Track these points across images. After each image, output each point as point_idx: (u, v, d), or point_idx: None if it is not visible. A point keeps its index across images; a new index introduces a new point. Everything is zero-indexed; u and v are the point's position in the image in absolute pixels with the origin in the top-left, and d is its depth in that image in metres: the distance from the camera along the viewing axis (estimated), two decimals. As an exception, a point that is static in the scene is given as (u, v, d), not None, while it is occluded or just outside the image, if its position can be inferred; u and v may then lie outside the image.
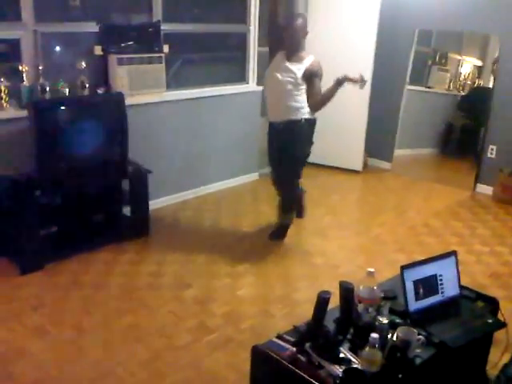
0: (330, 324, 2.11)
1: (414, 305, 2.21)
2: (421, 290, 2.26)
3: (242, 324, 2.93)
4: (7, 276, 3.33)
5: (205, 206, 4.68)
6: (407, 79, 5.72)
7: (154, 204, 4.26)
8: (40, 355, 2.61)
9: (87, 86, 3.82)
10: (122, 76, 3.96)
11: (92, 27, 3.90)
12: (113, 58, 3.94)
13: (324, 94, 3.65)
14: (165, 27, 4.27)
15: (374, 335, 1.82)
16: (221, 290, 3.29)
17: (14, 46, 3.60)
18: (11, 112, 3.50)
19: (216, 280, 3.39)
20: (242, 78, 5.20)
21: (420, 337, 2.01)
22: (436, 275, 2.31)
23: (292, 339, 2.05)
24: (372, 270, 2.11)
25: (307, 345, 1.97)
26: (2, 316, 2.91)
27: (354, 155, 5.74)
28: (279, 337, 2.09)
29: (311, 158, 5.52)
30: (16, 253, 3.43)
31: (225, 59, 5.40)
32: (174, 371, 2.52)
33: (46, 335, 2.76)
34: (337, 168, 5.79)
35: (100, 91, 3.90)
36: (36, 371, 2.49)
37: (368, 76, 5.41)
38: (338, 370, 1.83)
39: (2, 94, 3.48)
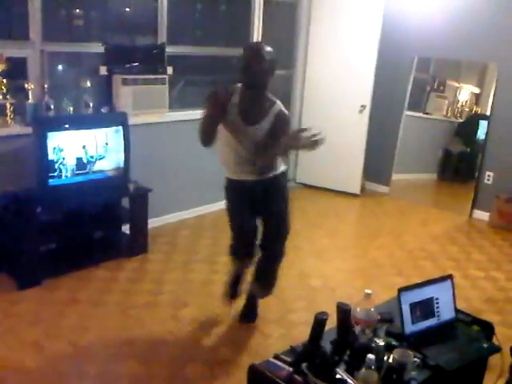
0: (326, 345, 2.12)
1: (410, 327, 2.23)
2: (417, 313, 2.27)
3: (238, 344, 2.94)
4: (5, 291, 3.34)
5: (204, 225, 4.71)
6: (406, 105, 5.80)
7: (153, 222, 4.28)
8: (36, 370, 2.60)
9: (91, 104, 3.88)
10: (125, 96, 4.02)
11: (97, 48, 3.98)
12: (117, 78, 4.01)
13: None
14: (169, 49, 4.35)
15: (371, 356, 1.83)
16: (217, 309, 3.29)
17: (21, 64, 3.67)
18: (16, 128, 3.55)
19: (213, 300, 3.39)
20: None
21: (416, 359, 2.03)
22: (432, 298, 2.33)
23: (289, 359, 2.06)
24: (369, 291, 2.13)
25: (304, 365, 1.98)
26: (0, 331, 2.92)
27: (352, 179, 5.79)
28: (276, 357, 2.10)
29: (311, 181, 5.60)
30: (14, 268, 3.44)
31: (226, 82, 5.48)
32: (170, 390, 2.52)
33: (43, 351, 2.76)
34: (335, 191, 5.83)
35: (104, 110, 3.96)
36: (32, 387, 2.49)
37: (368, 101, 5.51)
38: (334, 390, 1.84)
39: (8, 111, 3.53)
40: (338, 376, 1.94)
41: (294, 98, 6.01)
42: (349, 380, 1.92)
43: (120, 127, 3.70)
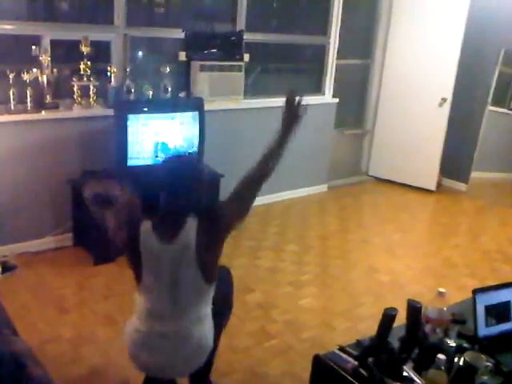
0: (394, 341, 2.07)
1: (483, 330, 2.14)
2: (492, 316, 2.18)
3: (302, 333, 2.93)
4: (81, 265, 3.51)
5: (272, 214, 4.72)
6: (489, 100, 5.51)
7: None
8: (107, 342, 2.72)
9: (169, 89, 3.97)
10: (202, 82, 4.09)
11: (177, 34, 4.06)
12: (195, 64, 4.08)
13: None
14: (247, 37, 4.37)
15: (441, 356, 1.77)
16: (283, 297, 3.30)
17: (105, 48, 3.82)
18: (98, 110, 3.70)
19: (278, 288, 3.41)
20: (318, 89, 5.22)
21: (488, 364, 1.94)
22: (510, 302, 2.22)
23: (354, 352, 2.03)
24: (443, 290, 2.06)
25: (370, 360, 1.94)
26: (75, 302, 3.07)
27: (428, 174, 5.59)
28: (341, 349, 2.07)
29: (383, 174, 5.43)
30: (91, 244, 3.60)
31: (302, 70, 5.45)
32: (233, 372, 2.56)
33: (114, 324, 2.88)
34: (409, 186, 5.66)
35: (181, 95, 4.05)
36: (102, 357, 2.60)
37: (449, 94, 5.29)
38: (401, 388, 1.79)
39: (91, 93, 3.68)
40: (404, 374, 1.89)
41: (371, 88, 5.87)
42: (416, 379, 1.87)
43: (196, 112, 3.76)
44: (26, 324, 2.73)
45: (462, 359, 1.88)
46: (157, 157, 3.64)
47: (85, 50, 3.56)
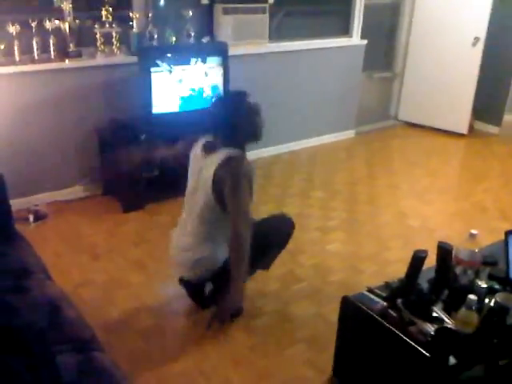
0: (423, 284, 2.06)
1: (516, 272, 2.10)
2: (525, 258, 2.13)
3: (329, 277, 2.94)
4: (111, 213, 3.57)
5: (298, 160, 4.67)
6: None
7: (249, 155, 4.30)
8: (138, 286, 2.79)
9: (193, 34, 3.89)
10: (226, 25, 3.99)
11: (199, -24, 3.93)
12: (218, 8, 3.97)
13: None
14: (271, -23, 4.21)
15: (472, 297, 1.75)
16: (310, 242, 3.30)
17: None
18: (121, 58, 3.65)
19: (306, 233, 3.40)
20: (345, 31, 5.04)
21: (520, 305, 1.91)
22: (544, 244, 2.17)
23: (383, 294, 2.03)
24: (475, 232, 2.02)
25: (399, 301, 1.94)
26: (106, 249, 3.14)
27: (459, 117, 5.42)
28: (370, 290, 2.07)
29: (414, 119, 5.28)
30: (120, 192, 3.64)
31: (328, 12, 5.25)
32: (263, 314, 2.60)
33: (145, 269, 2.94)
34: (440, 130, 5.52)
35: (205, 40, 3.96)
36: (134, 300, 2.67)
37: (482, 33, 5.05)
38: (430, 328, 1.79)
39: (114, 40, 3.63)
40: (434, 314, 1.88)
41: (401, 29, 5.65)
42: (446, 319, 1.86)
43: (220, 57, 3.69)
44: (60, 270, 2.80)
45: (494, 300, 1.86)
46: (181, 104, 3.60)
47: (106, -5, 3.49)
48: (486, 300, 1.91)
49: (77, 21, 3.50)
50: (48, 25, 3.37)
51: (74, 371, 1.56)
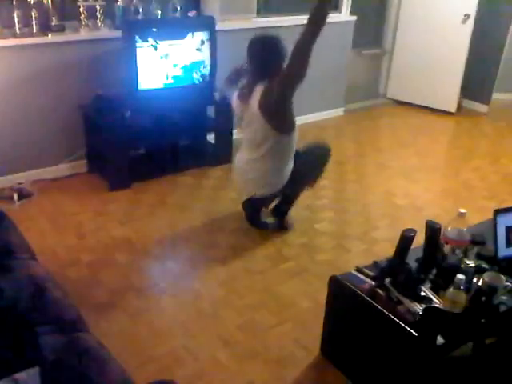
0: (411, 263, 2.05)
1: (504, 251, 2.10)
2: (513, 237, 2.14)
3: (318, 256, 2.94)
4: (97, 191, 3.52)
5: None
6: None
7: (237, 133, 4.26)
8: (125, 265, 2.76)
9: (179, 8, 3.79)
10: (213, -1, 3.89)
11: None
12: (205, -19, 3.87)
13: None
14: (259, -51, 4.11)
15: (461, 276, 1.75)
16: (299, 221, 3.28)
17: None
18: (106, 32, 3.56)
19: (295, 212, 3.37)
20: (334, 6, 4.95)
21: (508, 284, 1.92)
22: (532, 223, 2.17)
23: (371, 273, 2.02)
24: (464, 211, 2.01)
25: (387, 280, 1.94)
26: (93, 228, 3.10)
27: (448, 95, 5.40)
28: (358, 270, 2.07)
29: (402, 97, 5.25)
30: (106, 170, 3.59)
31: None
32: (250, 293, 2.59)
33: (132, 248, 2.91)
34: (428, 108, 5.50)
35: (191, 14, 3.87)
36: (121, 279, 2.64)
37: (472, 10, 5.00)
38: (418, 307, 1.79)
39: (98, 14, 3.53)
40: (422, 293, 1.88)
41: (390, 5, 5.57)
42: (434, 298, 1.86)
43: (207, 32, 3.60)
44: (45, 249, 2.77)
45: (482, 279, 1.86)
46: (167, 80, 3.53)
47: (89, -33, 3.38)
48: (474, 279, 1.91)
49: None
50: (30, -2, 3.26)
51: (58, 351, 1.54)
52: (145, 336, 2.28)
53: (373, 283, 1.94)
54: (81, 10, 3.47)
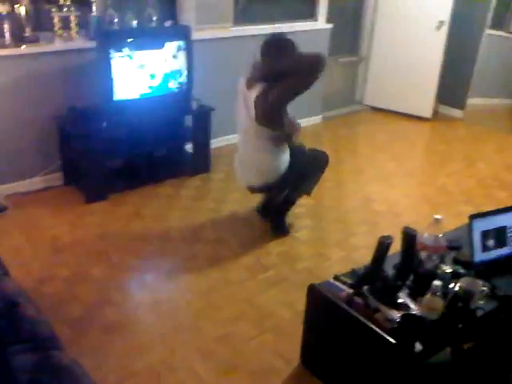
0: (389, 270, 2.06)
1: (479, 255, 2.12)
2: (488, 242, 2.16)
3: (297, 264, 2.93)
4: (73, 204, 3.46)
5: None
6: (487, 23, 5.30)
7: (215, 142, 4.25)
8: (102, 280, 2.72)
9: (154, 18, 3.78)
10: (189, 8, 3.89)
11: (160, -43, 3.81)
12: (181, -11, 3.86)
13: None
14: (234, -42, 4.12)
15: (437, 282, 1.76)
16: (278, 230, 3.28)
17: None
18: (80, 43, 3.52)
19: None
20: (310, 15, 4.99)
21: (484, 288, 1.94)
22: (506, 227, 2.20)
23: (349, 281, 2.02)
24: (439, 217, 2.02)
25: (365, 288, 1.94)
26: (69, 241, 3.04)
27: (424, 101, 5.46)
28: (336, 278, 2.07)
29: (379, 103, 5.31)
30: (82, 182, 3.54)
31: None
32: (230, 304, 2.57)
33: (109, 262, 2.87)
34: (405, 114, 5.55)
35: (167, 24, 3.85)
36: (98, 294, 2.60)
37: (447, 17, 5.08)
38: (396, 314, 1.79)
39: (72, 24, 3.49)
40: (400, 300, 1.88)
41: (365, 12, 5.63)
42: (411, 305, 1.86)
43: (183, 42, 3.59)
44: (20, 265, 2.72)
45: (458, 285, 1.87)
46: (143, 90, 3.51)
47: (63, -23, 3.35)
48: (451, 285, 1.92)
49: (33, 4, 3.35)
50: (2, 8, 3.21)
51: (31, 371, 1.51)
52: (122, 351, 2.24)
53: (350, 291, 1.94)
54: (55, 20, 3.43)
